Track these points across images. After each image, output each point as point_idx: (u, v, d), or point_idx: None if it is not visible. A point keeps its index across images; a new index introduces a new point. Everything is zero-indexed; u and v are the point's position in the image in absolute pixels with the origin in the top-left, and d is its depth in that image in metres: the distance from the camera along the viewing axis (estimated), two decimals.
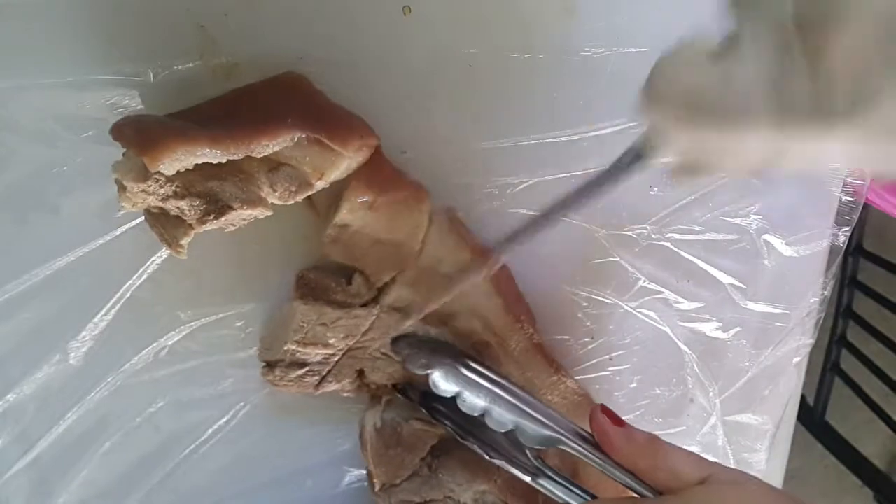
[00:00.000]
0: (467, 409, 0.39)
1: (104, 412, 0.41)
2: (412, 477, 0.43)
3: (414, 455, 0.42)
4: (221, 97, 0.36)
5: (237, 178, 0.34)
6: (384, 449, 0.42)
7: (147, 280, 0.40)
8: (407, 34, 0.39)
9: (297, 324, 0.39)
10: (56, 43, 0.35)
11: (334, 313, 0.40)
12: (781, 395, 0.52)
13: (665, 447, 0.36)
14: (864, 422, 1.05)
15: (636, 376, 0.49)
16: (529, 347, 0.43)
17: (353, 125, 0.36)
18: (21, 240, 0.38)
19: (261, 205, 0.35)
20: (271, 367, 0.40)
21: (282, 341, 0.40)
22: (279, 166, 0.35)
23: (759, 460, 0.53)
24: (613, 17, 0.42)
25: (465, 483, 0.42)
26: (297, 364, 0.40)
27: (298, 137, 0.34)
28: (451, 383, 0.39)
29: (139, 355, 0.41)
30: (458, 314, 0.42)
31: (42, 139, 0.36)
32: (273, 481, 0.46)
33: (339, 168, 0.36)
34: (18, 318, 0.39)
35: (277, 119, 0.33)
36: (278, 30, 0.38)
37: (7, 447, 0.41)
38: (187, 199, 0.33)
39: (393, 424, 0.43)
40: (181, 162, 0.31)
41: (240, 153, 0.33)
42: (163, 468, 0.44)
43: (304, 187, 0.36)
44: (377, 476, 0.42)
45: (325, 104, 0.37)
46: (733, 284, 0.48)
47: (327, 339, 0.40)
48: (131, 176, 0.32)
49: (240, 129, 0.33)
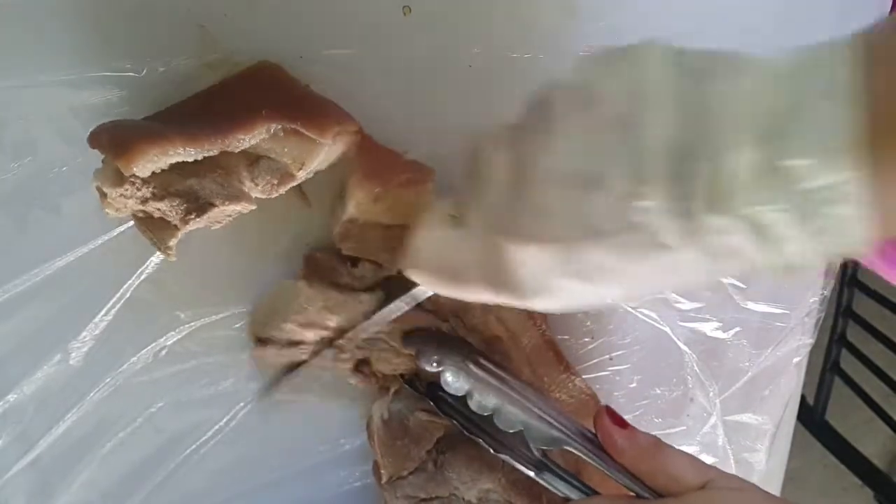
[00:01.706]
0: (477, 408, 0.39)
1: (104, 413, 0.41)
2: (418, 472, 0.43)
3: (420, 447, 0.43)
4: (196, 94, 0.36)
5: (216, 174, 0.34)
6: (391, 440, 0.42)
7: (147, 280, 0.40)
8: (407, 34, 0.39)
9: (299, 305, 0.39)
10: (56, 43, 0.35)
11: (339, 296, 0.39)
12: (781, 394, 0.52)
13: (667, 451, 0.36)
14: (863, 421, 1.05)
15: (636, 376, 0.49)
16: (541, 344, 0.43)
17: (330, 112, 0.35)
18: (21, 240, 0.38)
19: (243, 199, 0.34)
20: (264, 343, 0.40)
21: (280, 319, 0.39)
22: (258, 159, 0.35)
23: (758, 460, 0.53)
24: (613, 17, 0.42)
25: (470, 481, 0.42)
26: (293, 343, 0.40)
27: (275, 129, 0.33)
28: (461, 382, 0.39)
29: (139, 355, 0.41)
30: (472, 308, 0.42)
31: (43, 139, 0.36)
32: (273, 482, 0.46)
33: (319, 157, 0.35)
34: (18, 317, 0.39)
35: (252, 112, 0.33)
36: (278, 29, 0.38)
37: (7, 447, 0.41)
38: (166, 199, 0.33)
39: (400, 416, 0.43)
40: (155, 163, 0.31)
41: (215, 149, 0.32)
42: (163, 469, 0.44)
43: (285, 179, 0.35)
44: (384, 467, 0.42)
45: (300, 93, 0.36)
46: (733, 284, 0.48)
47: (328, 321, 0.40)
48: (108, 182, 0.32)
49: (213, 125, 0.32)
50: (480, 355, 0.41)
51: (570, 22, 0.41)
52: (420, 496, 0.42)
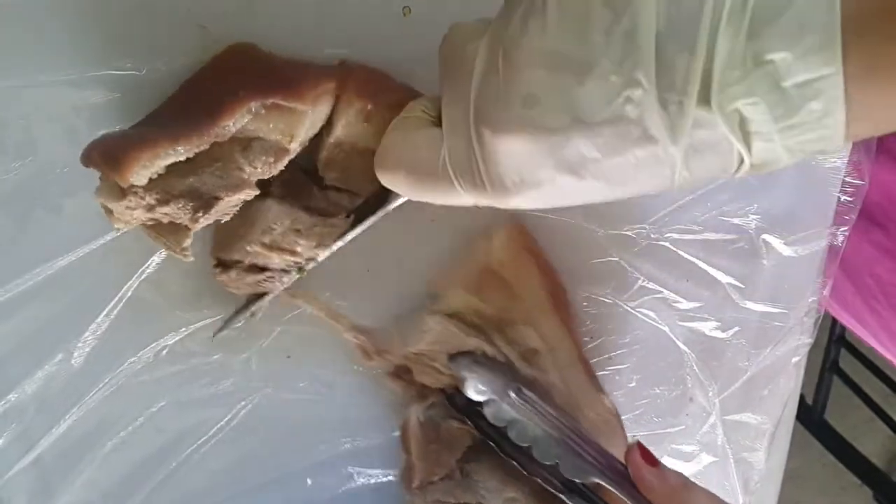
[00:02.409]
0: (516, 438, 0.40)
1: (105, 412, 0.42)
2: (446, 478, 0.43)
3: (451, 454, 0.43)
4: (175, 93, 0.36)
5: (213, 167, 0.34)
6: (426, 443, 0.43)
7: (148, 280, 0.40)
8: (407, 34, 0.39)
9: (266, 224, 0.37)
10: (57, 42, 0.35)
11: (310, 220, 0.38)
12: (780, 394, 0.52)
13: (694, 490, 0.37)
14: (862, 421, 1.06)
15: (635, 376, 0.49)
16: (576, 361, 0.44)
17: (303, 76, 0.34)
18: (22, 240, 0.38)
19: (245, 187, 0.34)
20: (226, 267, 0.38)
21: (244, 241, 0.37)
22: (250, 142, 0.34)
23: (758, 459, 0.53)
24: None
25: (496, 489, 0.43)
26: (256, 268, 0.38)
27: (255, 108, 0.33)
28: (503, 413, 0.41)
29: (140, 355, 0.41)
30: (515, 323, 0.43)
31: (44, 139, 0.37)
32: (274, 481, 0.46)
33: (305, 124, 0.35)
34: (20, 317, 0.39)
35: (230, 96, 0.33)
36: (278, 29, 0.38)
37: (8, 447, 0.41)
38: (171, 203, 0.33)
39: (434, 421, 0.43)
40: (149, 168, 0.31)
41: (204, 143, 0.32)
42: (164, 468, 0.44)
43: (281, 154, 0.35)
44: (419, 470, 0.43)
45: (272, 65, 0.35)
46: (732, 284, 0.48)
47: (297, 245, 0.38)
48: (110, 197, 0.32)
49: (196, 119, 0.32)
50: (522, 383, 0.42)
51: None
52: (449, 501, 0.43)
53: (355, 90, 0.35)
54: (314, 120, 0.35)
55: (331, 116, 0.36)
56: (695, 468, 0.51)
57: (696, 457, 0.51)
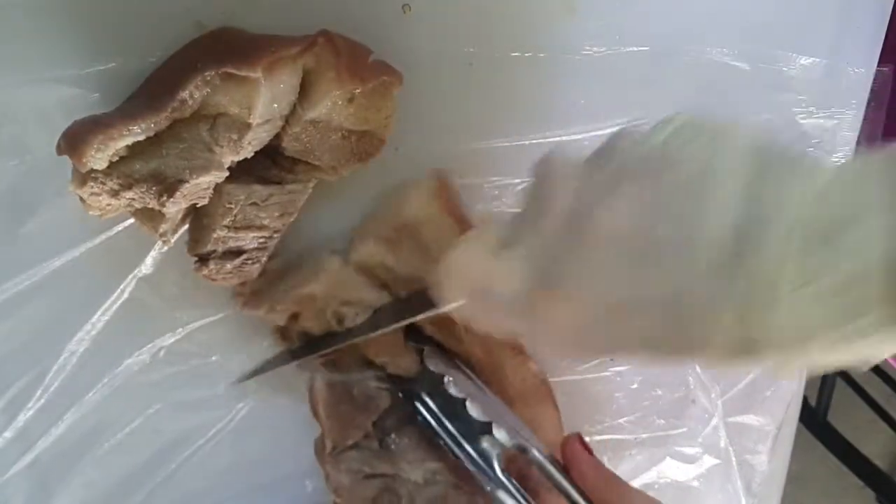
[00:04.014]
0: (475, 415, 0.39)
1: (103, 414, 0.41)
2: (363, 447, 0.42)
3: (366, 415, 0.42)
4: (146, 78, 0.35)
5: (179, 149, 0.33)
6: (335, 403, 0.41)
7: (144, 280, 0.40)
8: (407, 34, 0.39)
9: (223, 206, 0.36)
10: (52, 39, 0.35)
11: (265, 190, 0.37)
12: (783, 395, 0.52)
13: (627, 488, 0.37)
14: (865, 422, 1.05)
15: (637, 377, 0.49)
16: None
17: (260, 45, 0.33)
18: (17, 240, 0.38)
19: (213, 167, 0.33)
20: (204, 261, 0.37)
21: (210, 230, 0.36)
22: (215, 120, 0.33)
23: (760, 461, 0.53)
24: (613, 16, 0.41)
25: (417, 461, 0.42)
26: (231, 253, 0.38)
27: (210, 77, 0.32)
28: (460, 388, 0.40)
29: (137, 356, 0.41)
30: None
31: (38, 138, 0.36)
32: (273, 482, 0.46)
33: (261, 95, 0.33)
34: (16, 318, 0.39)
35: (188, 71, 0.32)
36: (277, 28, 0.37)
37: (6, 448, 0.40)
38: (134, 188, 0.32)
39: (345, 384, 0.42)
40: (104, 151, 0.30)
41: (162, 120, 0.31)
42: (163, 470, 0.43)
43: (244, 130, 0.33)
44: (329, 432, 0.41)
45: (237, 39, 0.34)
46: None
47: (261, 219, 0.37)
48: (76, 183, 0.31)
49: (157, 98, 0.31)
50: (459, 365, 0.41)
51: (570, 21, 0.41)
52: (365, 470, 0.41)
53: (348, 70, 0.34)
54: (276, 93, 0.34)
55: (312, 93, 0.35)
56: (697, 470, 0.51)
57: (699, 459, 0.51)
